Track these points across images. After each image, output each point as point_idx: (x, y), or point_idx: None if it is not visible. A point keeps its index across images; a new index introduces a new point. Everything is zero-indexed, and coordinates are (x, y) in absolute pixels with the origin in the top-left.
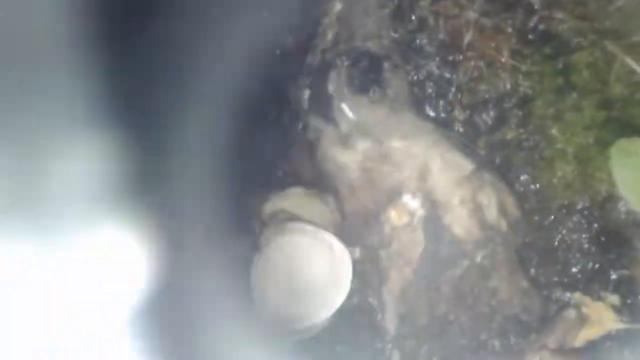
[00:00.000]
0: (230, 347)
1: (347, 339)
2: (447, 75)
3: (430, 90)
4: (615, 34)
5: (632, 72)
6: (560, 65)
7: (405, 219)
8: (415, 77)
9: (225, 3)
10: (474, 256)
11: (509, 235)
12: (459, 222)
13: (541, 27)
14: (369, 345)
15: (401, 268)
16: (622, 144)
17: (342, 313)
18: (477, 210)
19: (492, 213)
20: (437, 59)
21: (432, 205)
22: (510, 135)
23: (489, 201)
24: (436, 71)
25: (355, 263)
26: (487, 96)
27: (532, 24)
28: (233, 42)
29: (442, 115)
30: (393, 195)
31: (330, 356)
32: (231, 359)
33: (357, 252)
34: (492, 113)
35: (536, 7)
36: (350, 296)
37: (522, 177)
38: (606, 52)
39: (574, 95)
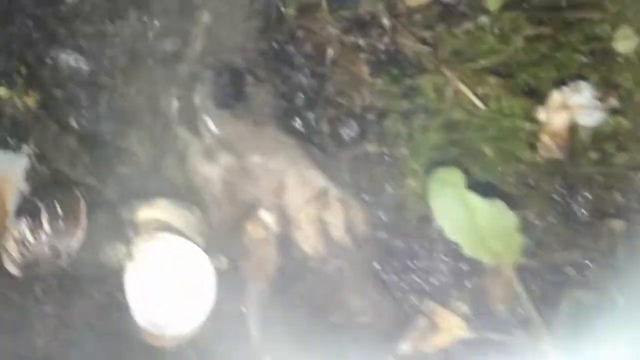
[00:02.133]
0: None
1: (221, 342)
2: (316, 87)
3: (299, 103)
4: (456, 59)
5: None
6: (406, 88)
7: (262, 234)
8: (284, 89)
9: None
10: (322, 271)
11: (356, 251)
12: (307, 239)
13: (391, 48)
14: (243, 347)
15: (259, 281)
16: (441, 173)
17: (216, 317)
18: (324, 228)
19: (338, 231)
20: (306, 70)
21: (286, 221)
22: (372, 149)
23: (336, 219)
24: (305, 82)
25: (222, 272)
26: (350, 110)
27: (383, 46)
28: (112, 42)
29: (309, 127)
30: (251, 210)
31: (208, 357)
32: None
33: (224, 261)
34: (355, 127)
35: (386, 28)
36: (220, 302)
37: (383, 191)
38: (447, 77)
39: (422, 116)
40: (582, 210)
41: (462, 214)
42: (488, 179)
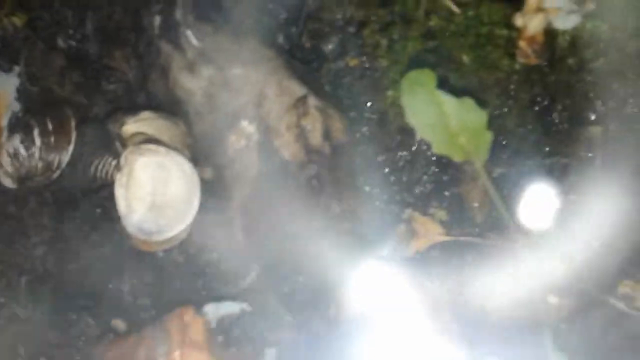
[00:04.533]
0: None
1: (210, 250)
2: (298, 2)
3: (281, 18)
4: None
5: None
6: None
7: (243, 142)
8: (267, 4)
9: None
10: (301, 177)
11: (334, 158)
12: (287, 145)
13: None
14: (231, 254)
15: (241, 187)
16: (413, 75)
17: (202, 227)
18: (302, 134)
19: (316, 137)
20: None
21: (266, 130)
22: (352, 63)
23: (313, 126)
24: None
25: (208, 181)
26: (331, 24)
27: None
28: None
29: (291, 43)
30: (233, 120)
31: (195, 267)
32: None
33: (209, 171)
34: (336, 41)
35: None
36: (207, 212)
37: (365, 104)
38: None
39: (400, 26)
40: (561, 117)
41: (433, 113)
42: (466, 87)
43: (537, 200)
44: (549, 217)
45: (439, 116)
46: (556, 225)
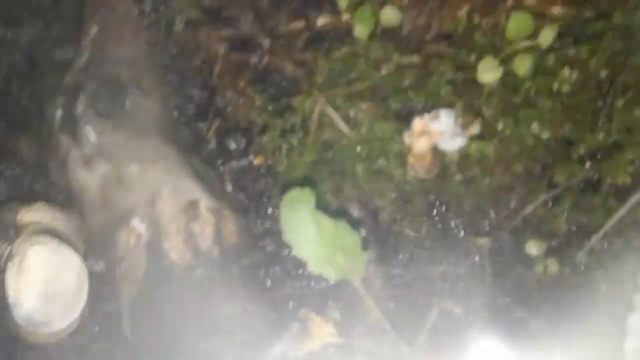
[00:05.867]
0: None
1: (100, 341)
2: (206, 99)
3: (188, 113)
4: (330, 83)
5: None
6: (282, 107)
7: (133, 241)
8: (175, 101)
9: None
10: (189, 279)
11: (224, 260)
12: (175, 248)
13: (270, 68)
14: (121, 346)
15: (130, 285)
16: (294, 193)
17: (94, 318)
18: (191, 238)
19: (205, 241)
20: (198, 82)
21: (156, 230)
22: (257, 161)
23: (203, 230)
24: (196, 94)
25: (101, 274)
26: (237, 124)
27: (262, 65)
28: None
29: (197, 138)
30: (125, 218)
31: (86, 357)
32: None
33: (101, 265)
34: (240, 140)
35: (265, 48)
36: (99, 303)
37: (268, 202)
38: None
39: (298, 134)
40: (456, 225)
41: (311, 232)
42: (359, 195)
43: (426, 309)
44: (437, 326)
45: (316, 236)
46: (443, 334)
